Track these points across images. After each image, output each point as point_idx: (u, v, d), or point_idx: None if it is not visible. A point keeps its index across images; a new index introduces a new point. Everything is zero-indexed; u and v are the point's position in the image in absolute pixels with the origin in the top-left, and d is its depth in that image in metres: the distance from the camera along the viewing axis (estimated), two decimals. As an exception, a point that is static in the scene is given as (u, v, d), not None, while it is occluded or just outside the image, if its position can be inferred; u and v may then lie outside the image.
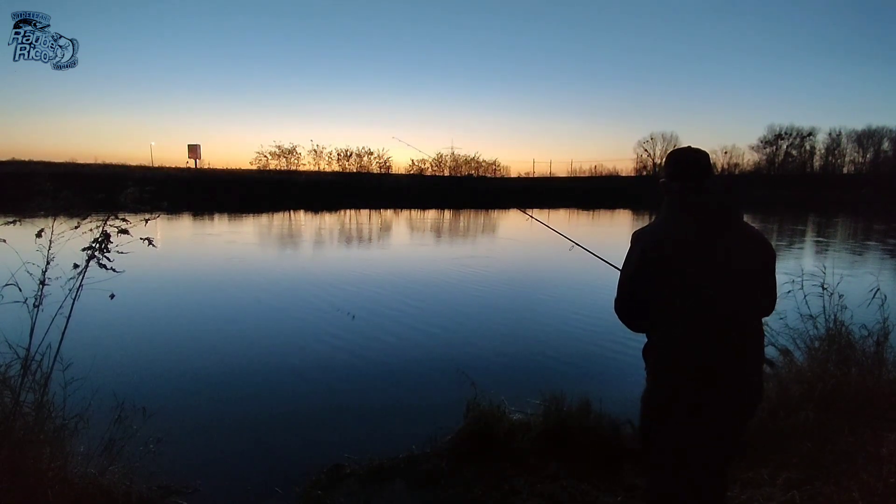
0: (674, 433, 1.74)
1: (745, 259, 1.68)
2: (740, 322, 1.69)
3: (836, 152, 61.53)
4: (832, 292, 3.51)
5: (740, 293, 1.66)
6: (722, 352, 1.64)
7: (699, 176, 1.74)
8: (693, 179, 1.73)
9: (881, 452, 2.36)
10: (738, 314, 1.68)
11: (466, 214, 31.81)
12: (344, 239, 17.81)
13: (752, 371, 1.72)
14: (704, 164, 1.77)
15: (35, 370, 2.39)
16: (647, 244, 1.70)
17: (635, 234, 1.77)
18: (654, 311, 1.71)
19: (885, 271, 11.21)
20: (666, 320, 1.69)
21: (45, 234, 2.40)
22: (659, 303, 1.68)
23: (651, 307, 1.71)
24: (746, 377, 1.70)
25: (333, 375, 4.95)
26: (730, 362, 1.65)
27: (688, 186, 1.72)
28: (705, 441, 1.71)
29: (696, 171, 1.75)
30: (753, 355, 1.74)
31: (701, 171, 1.75)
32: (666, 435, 1.77)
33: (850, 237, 19.83)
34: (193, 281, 9.71)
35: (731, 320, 1.66)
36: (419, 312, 7.44)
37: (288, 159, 53.59)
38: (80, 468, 2.43)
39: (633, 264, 1.72)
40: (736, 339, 1.67)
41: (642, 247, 1.70)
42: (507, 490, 2.78)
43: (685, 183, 1.73)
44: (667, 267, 1.64)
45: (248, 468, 3.26)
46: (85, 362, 2.65)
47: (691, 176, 1.74)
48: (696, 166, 1.76)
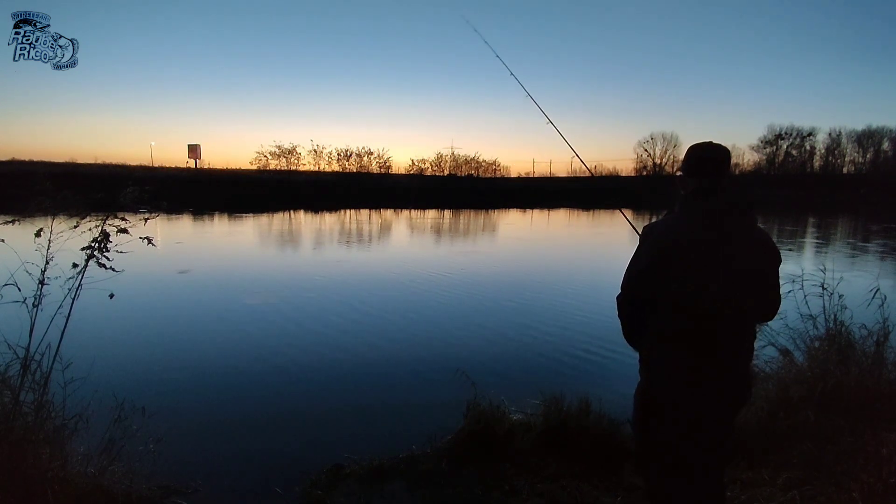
0: (666, 429, 1.77)
1: (752, 262, 1.68)
2: (740, 324, 1.70)
3: (836, 152, 61.64)
4: (832, 292, 3.51)
5: (743, 295, 1.67)
6: (719, 351, 1.66)
7: (716, 174, 1.71)
8: (709, 177, 1.70)
9: (881, 452, 2.36)
10: (739, 316, 1.68)
11: (466, 214, 31.81)
12: (344, 239, 17.80)
13: (744, 372, 1.75)
14: (723, 161, 1.74)
15: (35, 370, 2.38)
16: (660, 240, 1.69)
17: (646, 229, 1.76)
18: (658, 307, 1.71)
19: (885, 271, 11.21)
20: (667, 317, 1.69)
21: (44, 234, 2.39)
22: (663, 299, 1.68)
23: (655, 304, 1.71)
24: (739, 377, 1.72)
25: (333, 375, 4.95)
26: (725, 362, 1.67)
27: (703, 184, 1.70)
28: (696, 438, 1.73)
29: (713, 168, 1.72)
30: (746, 357, 1.75)
31: (717, 169, 1.72)
32: (659, 431, 1.79)
33: (849, 237, 19.83)
34: (193, 281, 9.70)
35: (732, 321, 1.67)
36: (419, 312, 7.44)
37: (288, 159, 53.63)
38: (80, 468, 2.42)
39: (643, 259, 1.71)
40: (733, 339, 1.69)
41: (654, 242, 1.70)
42: (507, 490, 2.78)
43: (701, 180, 1.71)
44: (675, 264, 1.64)
45: (248, 468, 3.26)
46: (84, 362, 2.65)
47: (708, 173, 1.71)
48: (713, 163, 1.73)
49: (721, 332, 1.66)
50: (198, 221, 23.02)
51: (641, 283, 1.73)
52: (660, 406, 1.76)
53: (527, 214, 33.08)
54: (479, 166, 61.04)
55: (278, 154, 53.18)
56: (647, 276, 1.70)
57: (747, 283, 1.67)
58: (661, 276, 1.66)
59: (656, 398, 1.78)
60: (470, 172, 59.81)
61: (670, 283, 1.66)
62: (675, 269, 1.64)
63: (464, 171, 59.85)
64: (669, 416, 1.74)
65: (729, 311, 1.64)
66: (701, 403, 1.69)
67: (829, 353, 3.31)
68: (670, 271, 1.65)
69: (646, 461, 1.93)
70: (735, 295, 1.64)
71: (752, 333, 1.77)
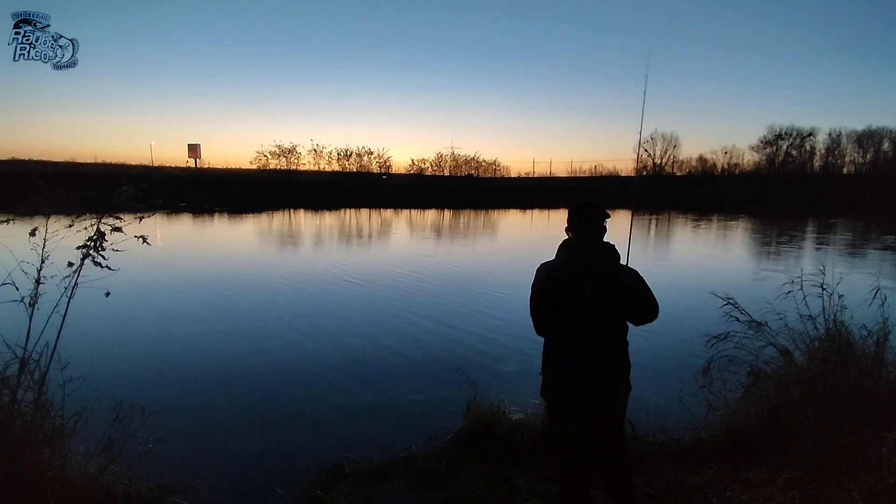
0: (565, 419, 2.22)
1: (614, 282, 2.17)
2: (609, 330, 2.17)
3: (836, 152, 61.55)
4: (832, 292, 3.50)
5: (610, 307, 2.15)
6: (596, 353, 2.13)
7: (590, 228, 2.23)
8: (583, 231, 2.24)
9: (881, 452, 2.35)
10: (608, 324, 2.16)
11: (466, 214, 31.81)
12: (343, 239, 17.80)
13: (620, 367, 2.18)
14: (598, 218, 2.24)
15: (33, 369, 2.38)
16: (545, 273, 2.20)
17: (539, 267, 2.25)
18: (548, 322, 2.19)
19: (884, 271, 11.20)
20: (555, 328, 2.18)
21: (40, 233, 2.38)
22: (551, 314, 2.16)
23: (546, 319, 2.19)
24: (617, 372, 2.17)
25: (333, 376, 4.95)
26: (601, 360, 2.14)
27: (580, 233, 2.25)
28: (585, 424, 2.19)
29: (587, 224, 2.25)
30: (620, 355, 2.19)
31: (592, 223, 2.24)
32: (560, 421, 2.26)
33: (849, 237, 19.83)
34: (192, 280, 9.70)
35: (604, 330, 2.15)
36: (419, 312, 7.44)
37: (288, 159, 53.74)
38: (80, 468, 2.42)
39: (534, 287, 2.21)
40: (607, 343, 2.16)
41: (541, 275, 2.20)
42: (507, 490, 2.77)
43: (578, 232, 2.26)
44: (558, 287, 2.14)
45: (248, 468, 3.26)
46: (83, 361, 2.64)
47: (579, 229, 2.26)
48: (587, 220, 2.24)
49: (595, 338, 2.15)
50: (197, 221, 23.01)
51: (537, 303, 2.25)
52: (556, 400, 2.27)
53: (527, 214, 33.08)
54: (479, 166, 61.17)
55: (278, 154, 53.38)
56: (539, 299, 2.21)
57: (611, 298, 2.16)
58: (549, 298, 2.19)
59: (554, 394, 2.27)
60: (470, 172, 59.86)
61: (555, 302, 2.17)
62: (557, 292, 2.17)
63: (464, 171, 59.90)
64: (565, 407, 2.23)
65: (600, 321, 2.15)
66: (586, 396, 2.16)
67: (828, 353, 3.30)
68: (555, 293, 2.17)
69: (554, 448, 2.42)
70: (603, 308, 2.15)
71: (621, 338, 2.20)
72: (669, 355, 5.31)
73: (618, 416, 2.26)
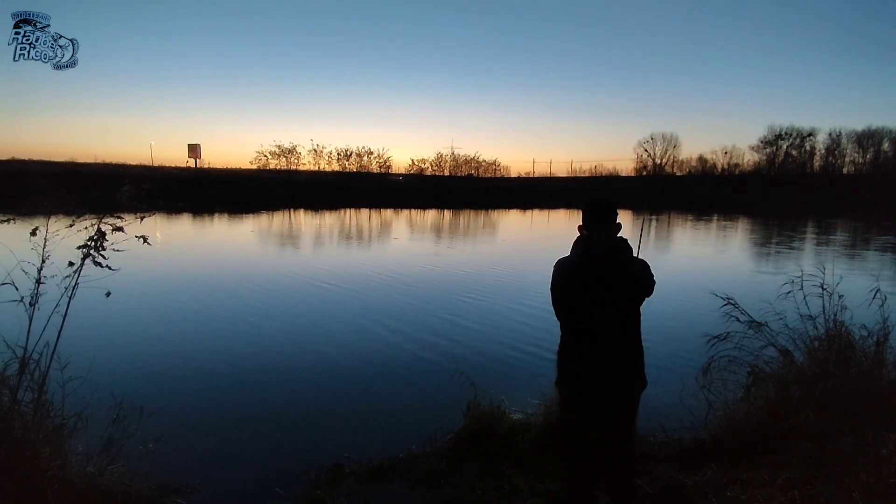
0: (576, 412, 2.28)
1: (625, 277, 2.21)
2: (622, 325, 2.21)
3: (836, 153, 61.48)
4: (832, 292, 3.50)
5: (621, 301, 2.20)
6: (610, 350, 2.17)
7: (600, 226, 2.24)
8: (593, 229, 2.25)
9: (881, 452, 2.35)
10: (621, 318, 2.21)
11: (466, 214, 31.81)
12: (343, 239, 17.80)
13: (634, 363, 2.23)
14: (607, 216, 2.24)
15: (33, 369, 2.38)
16: (560, 269, 2.28)
17: (556, 263, 2.31)
18: (563, 316, 2.29)
19: (884, 271, 11.20)
20: (570, 323, 2.26)
21: (40, 233, 2.38)
22: (566, 309, 2.27)
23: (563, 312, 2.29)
24: (630, 369, 2.21)
25: (333, 375, 4.95)
26: (615, 357, 2.18)
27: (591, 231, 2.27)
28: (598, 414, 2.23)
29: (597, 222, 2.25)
30: (631, 347, 2.23)
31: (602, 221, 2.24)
32: (570, 412, 2.32)
33: (849, 237, 19.82)
34: (192, 279, 9.70)
35: (616, 326, 2.19)
36: (419, 312, 7.43)
37: (288, 159, 53.66)
38: (80, 467, 2.42)
39: (552, 283, 2.31)
40: (620, 340, 2.20)
41: (557, 271, 2.29)
42: (507, 490, 2.77)
43: (590, 230, 2.27)
44: (570, 284, 2.23)
45: (248, 468, 3.26)
46: (82, 361, 2.64)
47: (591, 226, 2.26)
48: (597, 218, 2.25)
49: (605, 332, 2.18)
50: (197, 221, 23.02)
51: (555, 297, 2.34)
52: (570, 391, 2.32)
53: (527, 214, 33.08)
54: (479, 166, 61.11)
55: (278, 154, 53.28)
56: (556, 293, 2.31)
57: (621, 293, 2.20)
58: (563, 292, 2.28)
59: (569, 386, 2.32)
60: (470, 172, 59.83)
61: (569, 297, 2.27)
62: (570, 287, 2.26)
63: (464, 171, 59.87)
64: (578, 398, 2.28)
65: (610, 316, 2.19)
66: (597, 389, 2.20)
67: (828, 353, 3.30)
68: (568, 289, 2.27)
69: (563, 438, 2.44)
70: (614, 303, 2.19)
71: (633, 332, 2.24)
72: (669, 355, 5.31)
73: (629, 415, 2.28)
